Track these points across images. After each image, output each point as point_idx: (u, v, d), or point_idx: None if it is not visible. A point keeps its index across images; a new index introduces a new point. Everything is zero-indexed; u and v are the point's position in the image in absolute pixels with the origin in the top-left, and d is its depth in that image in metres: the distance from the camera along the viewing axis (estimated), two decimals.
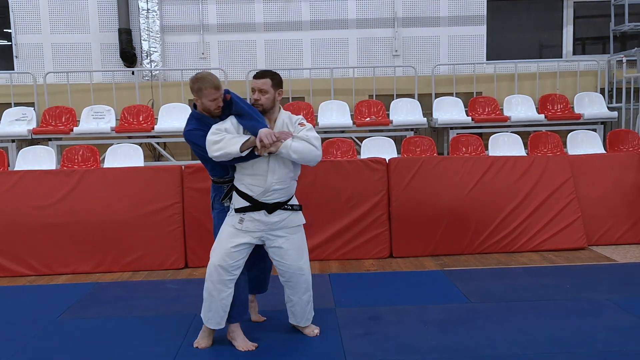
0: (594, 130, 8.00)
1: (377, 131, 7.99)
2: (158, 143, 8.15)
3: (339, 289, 4.62)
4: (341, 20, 8.72)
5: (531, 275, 4.94)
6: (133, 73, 8.57)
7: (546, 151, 7.50)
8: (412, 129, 8.10)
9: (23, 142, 7.88)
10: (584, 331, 3.65)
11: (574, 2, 9.05)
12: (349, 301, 4.33)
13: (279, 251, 3.50)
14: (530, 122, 8.17)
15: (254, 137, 3.29)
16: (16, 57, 8.60)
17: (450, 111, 8.26)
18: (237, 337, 3.54)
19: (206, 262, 5.45)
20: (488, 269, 5.16)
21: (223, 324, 3.51)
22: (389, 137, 7.65)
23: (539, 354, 3.35)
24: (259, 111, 3.43)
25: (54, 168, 6.88)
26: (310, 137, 3.39)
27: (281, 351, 3.49)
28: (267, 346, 3.53)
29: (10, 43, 8.66)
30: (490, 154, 7.31)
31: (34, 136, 7.81)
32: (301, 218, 3.59)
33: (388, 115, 8.22)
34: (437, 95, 8.44)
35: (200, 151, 3.49)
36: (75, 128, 7.79)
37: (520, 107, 8.35)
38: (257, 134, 3.27)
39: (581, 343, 3.48)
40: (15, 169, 6.89)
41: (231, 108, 3.45)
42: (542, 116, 8.14)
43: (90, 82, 8.31)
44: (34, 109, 8.16)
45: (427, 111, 8.34)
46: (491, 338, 3.58)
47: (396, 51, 8.74)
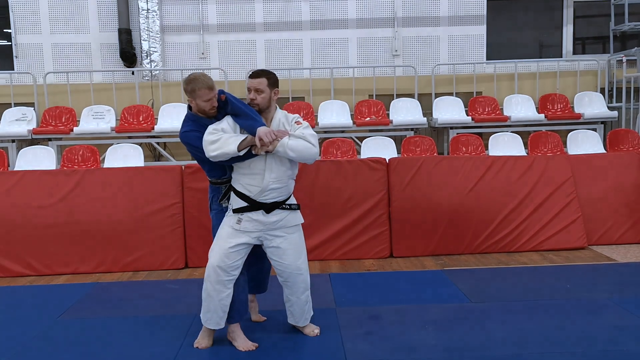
0: (594, 130, 8.00)
1: (377, 131, 7.99)
2: (158, 143, 8.14)
3: (339, 289, 4.62)
4: (341, 20, 8.72)
5: (531, 275, 4.94)
6: (133, 73, 8.57)
7: (546, 151, 7.50)
8: (412, 129, 8.10)
9: (23, 142, 7.88)
10: (584, 331, 3.65)
11: (574, 2, 9.05)
12: (349, 301, 4.33)
13: (277, 251, 3.50)
14: (530, 122, 8.17)
15: (252, 136, 3.28)
16: (16, 57, 8.60)
17: (450, 111, 8.26)
18: (238, 337, 3.54)
19: (206, 262, 5.47)
20: (488, 269, 5.16)
21: (222, 325, 3.51)
22: (389, 137, 7.65)
23: (539, 354, 3.35)
24: (256, 111, 3.42)
25: (54, 168, 6.88)
26: (306, 135, 3.38)
27: (281, 351, 3.49)
28: (268, 346, 3.53)
29: (10, 43, 8.66)
30: (490, 154, 7.30)
31: (34, 136, 7.81)
32: (299, 217, 3.58)
33: (388, 115, 8.22)
34: (437, 95, 8.45)
35: (197, 152, 3.49)
36: (75, 128, 7.79)
37: (520, 107, 8.35)
38: (255, 133, 3.26)
39: (581, 343, 3.48)
40: (15, 169, 6.89)
41: (227, 108, 3.44)
42: (542, 116, 8.14)
43: (90, 82, 8.31)
44: (34, 109, 8.15)
45: (427, 111, 8.34)
46: (491, 338, 3.58)
47: (396, 51, 8.74)
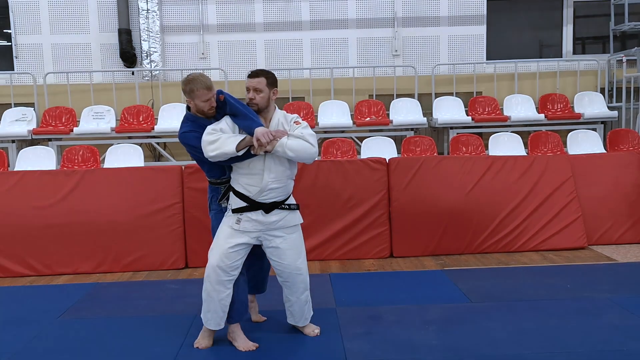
0: (594, 129, 8.00)
1: (377, 131, 7.99)
2: (158, 143, 8.14)
3: (340, 289, 4.62)
4: (341, 20, 8.72)
5: (531, 274, 4.94)
6: (133, 73, 8.57)
7: (546, 151, 7.50)
8: (412, 129, 8.10)
9: (23, 143, 7.88)
10: (585, 330, 3.65)
11: (574, 2, 9.05)
12: (350, 301, 4.33)
13: (277, 251, 3.49)
14: (530, 122, 8.17)
15: (250, 136, 3.27)
16: (16, 58, 8.60)
17: (450, 111, 8.26)
18: (238, 338, 3.54)
19: (206, 262, 5.48)
20: (488, 269, 5.16)
21: (222, 325, 3.51)
22: (389, 137, 7.65)
23: (540, 353, 3.34)
24: (254, 110, 3.42)
25: (54, 168, 6.88)
26: (305, 135, 3.38)
27: (282, 351, 3.49)
28: (268, 346, 3.53)
29: (10, 43, 8.66)
30: (490, 154, 7.30)
31: (34, 136, 7.81)
32: (299, 217, 3.58)
33: (388, 115, 8.22)
34: (437, 95, 8.44)
35: (196, 153, 3.48)
36: (75, 128, 7.79)
37: (520, 107, 8.34)
38: (253, 133, 3.26)
39: (582, 342, 3.48)
40: (15, 170, 6.89)
41: (225, 108, 3.43)
42: (542, 116, 8.14)
43: (90, 83, 8.31)
44: (34, 110, 8.15)
45: (427, 111, 8.34)
46: (492, 337, 3.58)
47: (396, 51, 8.74)
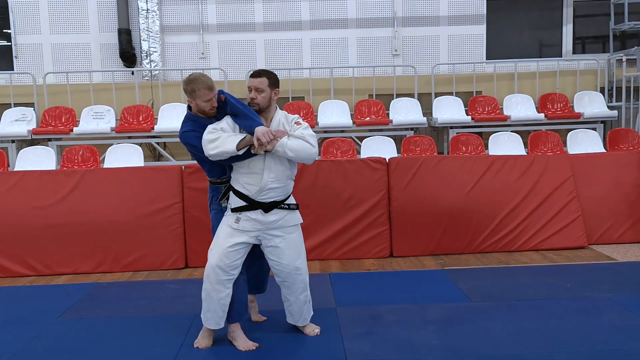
0: (594, 129, 7.99)
1: (377, 131, 7.99)
2: (158, 143, 8.14)
3: (340, 289, 4.62)
4: (341, 19, 8.72)
5: (532, 274, 4.94)
6: (133, 73, 8.57)
7: (546, 150, 7.50)
8: (412, 129, 8.10)
9: (23, 143, 7.88)
10: (585, 330, 3.65)
11: (574, 1, 9.05)
12: (350, 300, 4.33)
13: (275, 250, 3.49)
14: (530, 121, 8.16)
15: (251, 136, 3.27)
16: (16, 58, 8.60)
17: (450, 110, 8.26)
18: (238, 337, 3.54)
19: (206, 262, 5.47)
20: (488, 268, 5.16)
21: (222, 324, 3.51)
22: (389, 137, 7.65)
23: (540, 353, 3.34)
24: (255, 110, 3.42)
25: (54, 168, 6.88)
26: (306, 135, 3.38)
27: (282, 351, 3.49)
28: (268, 346, 3.53)
29: (10, 43, 8.66)
30: (490, 153, 7.30)
31: (34, 136, 7.81)
32: (298, 217, 3.58)
33: (388, 114, 8.22)
34: (437, 94, 8.44)
35: (196, 152, 3.49)
36: (75, 128, 7.79)
37: (520, 107, 8.34)
38: (254, 133, 3.26)
39: (582, 342, 3.48)
40: (15, 170, 6.89)
41: (226, 108, 3.44)
42: (542, 115, 8.13)
43: (90, 83, 8.31)
44: (34, 110, 8.15)
45: (427, 110, 8.34)
46: (492, 337, 3.58)
47: (396, 50, 8.74)
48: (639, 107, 8.27)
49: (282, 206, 3.47)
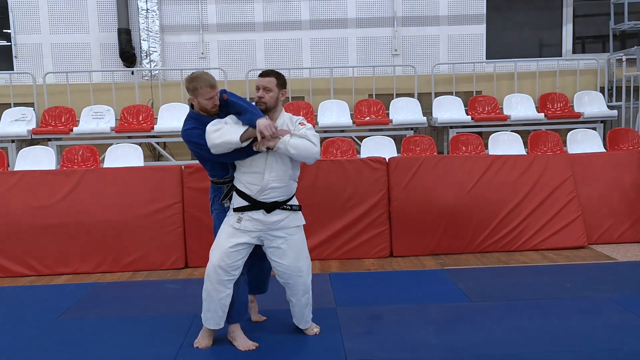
0: (594, 129, 7.99)
1: (377, 130, 7.99)
2: (158, 143, 8.14)
3: (340, 288, 4.62)
4: (341, 19, 8.72)
5: (531, 274, 4.94)
6: (132, 73, 8.57)
7: (546, 150, 7.50)
8: (412, 128, 8.10)
9: (23, 143, 7.88)
10: (585, 330, 3.65)
11: (574, 1, 9.04)
12: (350, 300, 4.33)
13: (277, 251, 3.49)
14: (530, 121, 8.16)
15: (254, 128, 3.26)
16: (16, 58, 8.59)
17: (450, 110, 8.26)
18: (238, 337, 3.54)
19: (207, 262, 5.46)
20: (488, 268, 5.16)
21: (222, 325, 3.51)
22: (389, 137, 7.65)
23: (540, 353, 3.34)
24: (262, 110, 3.42)
25: (54, 168, 6.88)
26: (308, 134, 3.39)
27: (282, 350, 3.49)
28: (268, 346, 3.53)
29: (9, 43, 8.66)
30: (490, 153, 7.30)
31: (34, 136, 7.81)
32: (301, 219, 3.57)
33: (388, 114, 8.21)
34: (437, 94, 8.44)
35: (199, 150, 3.48)
36: (75, 128, 7.79)
37: (520, 106, 8.34)
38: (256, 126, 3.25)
39: (582, 342, 3.48)
40: (15, 169, 6.89)
41: (228, 107, 3.45)
42: (542, 115, 8.13)
43: (89, 82, 8.31)
44: (34, 109, 8.15)
45: (427, 110, 8.34)
46: (492, 337, 3.58)
47: (396, 50, 8.74)
48: (639, 107, 8.27)
49: (285, 207, 3.46)
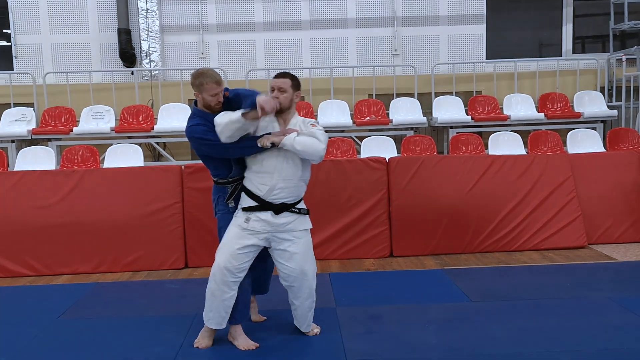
0: (594, 128, 7.99)
1: (377, 130, 7.99)
2: (158, 143, 8.14)
3: (340, 288, 4.62)
4: (341, 19, 8.71)
5: (531, 273, 4.95)
6: (132, 73, 8.57)
7: (546, 150, 7.50)
8: (412, 128, 8.10)
9: (23, 143, 7.87)
10: (585, 329, 3.65)
11: (574, 1, 9.04)
12: (350, 300, 4.33)
13: (284, 254, 3.49)
14: (530, 121, 8.16)
15: (256, 110, 3.25)
16: (15, 58, 8.59)
17: (450, 110, 8.25)
18: (238, 337, 3.54)
19: (206, 262, 5.43)
20: (488, 268, 5.16)
21: (224, 325, 3.51)
22: (389, 137, 7.65)
23: (540, 353, 3.34)
24: (277, 109, 3.43)
25: (54, 168, 6.88)
26: (315, 132, 3.42)
27: (282, 350, 3.49)
28: (268, 346, 3.53)
29: (9, 43, 8.65)
30: (490, 153, 7.30)
31: (34, 136, 7.81)
32: (308, 222, 3.58)
33: (388, 114, 8.21)
34: (437, 94, 8.44)
35: (204, 146, 3.46)
36: (74, 128, 7.79)
37: (520, 106, 8.34)
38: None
39: (582, 341, 3.48)
40: (15, 170, 6.89)
41: (231, 102, 3.47)
42: (542, 115, 8.13)
43: (89, 83, 8.30)
44: (34, 110, 8.15)
45: (427, 110, 8.34)
46: (492, 337, 3.58)
47: (396, 50, 8.74)
48: (639, 107, 8.27)
49: (293, 210, 3.47)
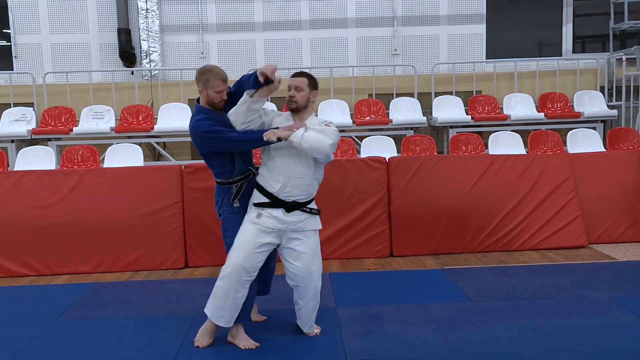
0: (594, 128, 7.99)
1: (377, 130, 7.99)
2: (158, 143, 8.14)
3: (340, 288, 4.62)
4: (340, 19, 8.71)
5: (531, 273, 4.95)
6: (132, 73, 8.57)
7: (546, 149, 7.50)
8: (412, 128, 8.10)
9: (23, 143, 7.87)
10: (585, 329, 3.65)
11: (574, 1, 9.04)
12: (350, 300, 4.33)
13: (293, 253, 3.50)
14: (530, 121, 8.16)
15: (263, 90, 3.34)
16: (15, 58, 8.59)
17: (450, 110, 8.25)
18: (239, 336, 3.54)
19: (206, 262, 5.45)
20: (488, 268, 5.16)
21: (232, 323, 3.50)
22: (389, 136, 7.65)
23: (540, 352, 3.34)
24: (292, 109, 3.48)
25: (54, 168, 6.88)
26: (326, 129, 3.37)
27: (282, 350, 3.49)
28: (268, 345, 3.53)
29: (9, 43, 8.65)
30: (490, 153, 7.29)
31: (34, 136, 7.81)
32: (318, 223, 3.59)
33: (388, 114, 8.21)
34: (437, 94, 8.44)
35: (209, 140, 3.43)
36: (74, 128, 7.79)
37: (520, 106, 8.34)
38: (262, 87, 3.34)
39: (582, 341, 3.48)
40: (15, 170, 6.89)
41: (233, 97, 3.49)
42: (542, 114, 8.13)
43: (89, 82, 8.30)
44: (34, 109, 8.15)
45: (427, 110, 8.33)
46: (492, 336, 3.58)
47: (396, 50, 8.74)
48: (639, 107, 8.27)
49: (304, 209, 3.48)
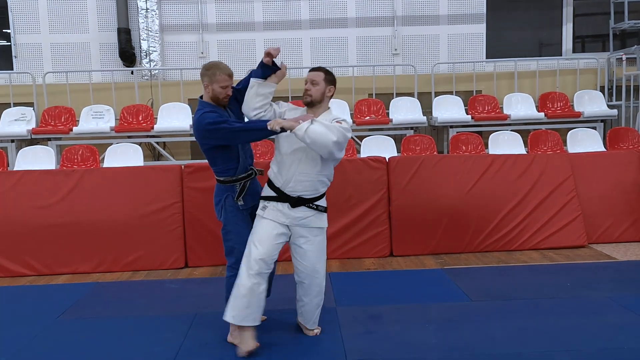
0: (594, 128, 7.99)
1: (377, 130, 7.99)
2: (158, 143, 8.13)
3: (340, 288, 4.62)
4: (340, 19, 8.71)
5: (531, 273, 4.95)
6: (132, 73, 8.56)
7: (546, 149, 7.50)
8: (412, 128, 8.09)
9: (22, 142, 7.87)
10: (585, 329, 3.65)
11: (574, 0, 9.04)
12: (350, 300, 4.33)
13: (299, 250, 3.52)
14: (530, 120, 8.15)
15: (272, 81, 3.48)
16: (15, 57, 8.59)
17: (450, 110, 8.25)
18: (240, 336, 3.53)
19: (206, 262, 5.45)
20: (488, 267, 5.16)
21: (259, 321, 3.44)
22: (389, 136, 7.64)
23: (540, 352, 3.34)
24: (307, 102, 3.48)
25: (54, 168, 6.88)
26: (333, 125, 3.29)
27: (282, 350, 3.49)
28: (268, 345, 3.52)
29: (9, 43, 8.65)
30: (490, 153, 7.29)
31: (34, 136, 7.80)
32: (324, 221, 3.57)
33: (388, 114, 8.21)
34: (437, 93, 8.43)
35: (215, 132, 3.37)
36: (74, 128, 7.78)
37: (520, 105, 8.34)
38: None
39: (582, 341, 3.48)
40: (14, 169, 6.88)
41: (237, 94, 3.53)
42: (542, 114, 8.13)
43: (89, 82, 8.30)
44: (33, 109, 8.14)
45: (427, 110, 8.33)
46: (492, 336, 3.58)
47: (396, 50, 8.73)
48: (639, 106, 8.27)
49: (310, 205, 3.47)
